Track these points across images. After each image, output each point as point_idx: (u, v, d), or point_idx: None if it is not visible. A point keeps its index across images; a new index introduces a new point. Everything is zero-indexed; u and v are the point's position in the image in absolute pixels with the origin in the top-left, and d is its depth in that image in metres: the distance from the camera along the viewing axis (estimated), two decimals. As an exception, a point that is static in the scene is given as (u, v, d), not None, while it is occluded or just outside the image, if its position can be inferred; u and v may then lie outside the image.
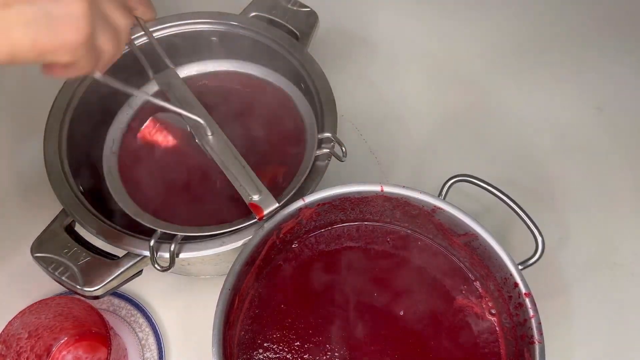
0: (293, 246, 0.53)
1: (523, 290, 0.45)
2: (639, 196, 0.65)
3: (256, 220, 0.47)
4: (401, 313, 0.49)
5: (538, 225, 0.49)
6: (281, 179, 0.52)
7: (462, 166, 0.61)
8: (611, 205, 0.65)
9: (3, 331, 0.46)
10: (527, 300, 0.45)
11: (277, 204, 0.47)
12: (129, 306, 0.56)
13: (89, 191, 0.52)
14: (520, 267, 0.46)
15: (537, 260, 0.48)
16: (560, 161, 0.67)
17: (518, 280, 0.46)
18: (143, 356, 0.54)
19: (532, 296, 0.45)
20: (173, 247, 0.46)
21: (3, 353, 0.47)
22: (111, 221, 0.49)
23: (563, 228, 0.63)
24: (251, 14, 0.61)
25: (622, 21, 0.79)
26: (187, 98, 0.54)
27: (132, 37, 0.57)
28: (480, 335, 0.49)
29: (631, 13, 0.80)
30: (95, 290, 0.46)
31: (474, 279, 0.51)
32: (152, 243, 0.47)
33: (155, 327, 0.55)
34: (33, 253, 0.47)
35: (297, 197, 0.48)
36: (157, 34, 0.58)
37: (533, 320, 0.44)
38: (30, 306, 0.47)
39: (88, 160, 0.54)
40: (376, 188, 0.49)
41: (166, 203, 0.52)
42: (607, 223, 0.63)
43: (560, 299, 0.58)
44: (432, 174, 0.62)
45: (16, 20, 0.31)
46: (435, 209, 0.49)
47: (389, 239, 0.54)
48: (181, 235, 0.47)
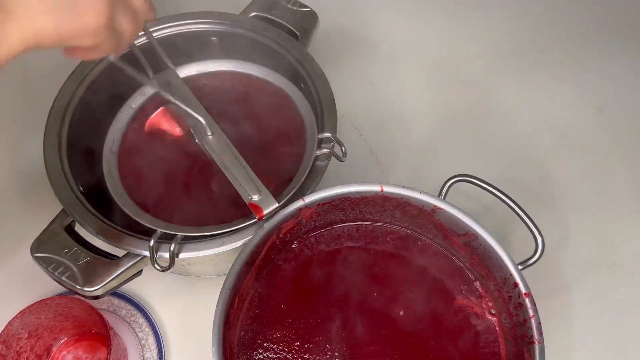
0: (293, 246, 0.53)
1: (523, 290, 0.45)
2: (639, 196, 0.65)
3: (256, 220, 0.47)
4: (401, 313, 0.49)
5: (538, 225, 0.49)
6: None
7: (462, 166, 0.61)
8: (611, 205, 0.65)
9: (3, 331, 0.46)
10: (527, 300, 0.45)
11: (277, 204, 0.47)
12: (129, 306, 0.56)
13: (89, 191, 0.52)
14: (520, 267, 0.46)
15: (537, 260, 0.48)
16: (560, 161, 0.67)
17: (518, 280, 0.46)
18: (143, 356, 0.54)
19: (532, 296, 0.45)
20: (173, 247, 0.46)
21: (3, 353, 0.47)
22: (111, 221, 0.49)
23: (563, 228, 0.63)
24: (251, 14, 0.61)
25: (622, 21, 0.79)
26: (187, 98, 0.54)
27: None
28: (480, 335, 0.49)
29: (631, 13, 0.80)
30: (95, 290, 0.46)
31: (474, 279, 0.51)
32: (152, 243, 0.47)
33: (155, 327, 0.55)
34: (33, 253, 0.47)
35: (297, 197, 0.48)
36: (157, 34, 0.58)
37: (533, 320, 0.44)
38: (30, 306, 0.47)
39: (88, 160, 0.54)
40: (376, 188, 0.49)
41: (166, 203, 0.52)
42: (607, 223, 0.63)
43: (560, 299, 0.58)
44: (432, 174, 0.62)
45: (40, 6, 0.32)
46: (435, 209, 0.49)
47: (389, 239, 0.53)
48: (181, 235, 0.47)
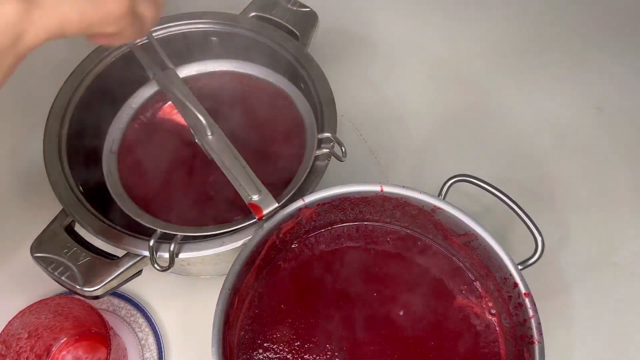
0: (293, 246, 0.53)
1: (523, 290, 0.45)
2: (639, 196, 0.65)
3: (256, 220, 0.47)
4: (401, 313, 0.49)
5: (538, 225, 0.49)
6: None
7: (462, 166, 0.61)
8: (611, 205, 0.65)
9: (3, 331, 0.46)
10: (527, 300, 0.45)
11: (277, 204, 0.47)
12: (129, 306, 0.56)
13: (89, 191, 0.52)
14: (520, 267, 0.46)
15: (537, 260, 0.48)
16: (560, 161, 0.67)
17: (518, 280, 0.46)
18: (143, 356, 0.54)
19: (532, 296, 0.45)
20: (173, 247, 0.46)
21: (3, 353, 0.47)
22: (111, 221, 0.49)
23: (563, 228, 0.63)
24: (251, 14, 0.61)
25: (622, 21, 0.79)
26: (187, 98, 0.54)
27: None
28: (480, 335, 0.49)
29: (631, 13, 0.80)
30: (95, 290, 0.46)
31: (474, 279, 0.51)
32: (152, 243, 0.47)
33: (155, 327, 0.55)
34: (33, 253, 0.47)
35: (297, 197, 0.48)
36: (157, 34, 0.58)
37: (533, 320, 0.44)
38: (30, 306, 0.47)
39: (88, 160, 0.55)
40: (376, 188, 0.49)
41: (166, 203, 0.52)
42: (607, 223, 0.63)
43: (560, 299, 0.58)
44: (432, 174, 0.62)
45: None
46: (435, 209, 0.49)
47: (389, 239, 0.53)
48: (181, 235, 0.47)
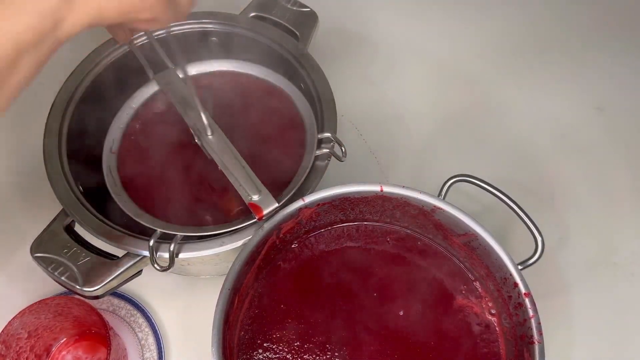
0: (293, 246, 0.53)
1: (523, 290, 0.45)
2: (639, 196, 0.65)
3: (256, 220, 0.47)
4: (401, 313, 0.49)
5: (538, 225, 0.49)
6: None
7: (462, 166, 0.61)
8: (611, 205, 0.65)
9: (3, 331, 0.46)
10: (527, 300, 0.45)
11: (277, 204, 0.47)
12: (129, 306, 0.56)
13: (89, 191, 0.52)
14: (520, 267, 0.46)
15: (537, 260, 0.48)
16: (560, 161, 0.67)
17: (518, 280, 0.46)
18: (143, 356, 0.54)
19: (532, 296, 0.45)
20: (172, 247, 0.46)
21: (3, 353, 0.47)
22: (111, 221, 0.49)
23: (563, 228, 0.63)
24: (251, 14, 0.61)
25: (622, 21, 0.79)
26: (187, 98, 0.54)
27: (132, 37, 0.57)
28: (480, 335, 0.49)
29: (631, 13, 0.80)
30: (95, 290, 0.46)
31: (474, 279, 0.51)
32: (152, 243, 0.47)
33: (155, 327, 0.55)
34: (33, 253, 0.47)
35: (297, 197, 0.48)
36: (157, 34, 0.58)
37: (533, 320, 0.44)
38: (30, 306, 0.47)
39: (88, 160, 0.54)
40: (376, 188, 0.49)
41: (166, 203, 0.52)
42: (607, 223, 0.63)
43: (560, 299, 0.58)
44: (432, 174, 0.62)
45: None
46: (435, 209, 0.49)
47: (389, 239, 0.53)
48: (181, 235, 0.47)
